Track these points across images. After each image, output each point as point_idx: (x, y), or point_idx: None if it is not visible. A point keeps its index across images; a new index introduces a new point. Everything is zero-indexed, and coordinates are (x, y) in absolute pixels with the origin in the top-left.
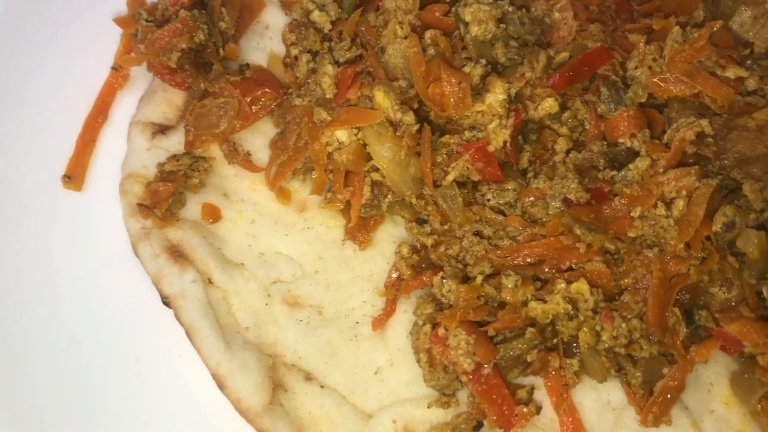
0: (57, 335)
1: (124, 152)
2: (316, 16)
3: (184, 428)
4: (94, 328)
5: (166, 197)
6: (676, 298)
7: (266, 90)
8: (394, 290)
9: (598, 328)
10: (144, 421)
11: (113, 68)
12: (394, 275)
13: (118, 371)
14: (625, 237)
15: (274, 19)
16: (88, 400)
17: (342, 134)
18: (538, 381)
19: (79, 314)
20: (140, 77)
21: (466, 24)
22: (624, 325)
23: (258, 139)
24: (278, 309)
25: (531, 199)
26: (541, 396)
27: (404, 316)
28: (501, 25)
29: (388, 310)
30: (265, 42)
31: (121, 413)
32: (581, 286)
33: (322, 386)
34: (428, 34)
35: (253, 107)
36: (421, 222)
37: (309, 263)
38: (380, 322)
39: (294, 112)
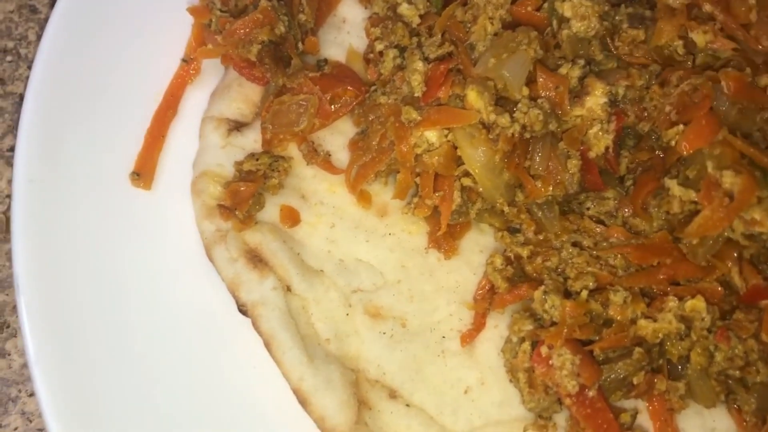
0: (123, 342)
1: (194, 149)
2: (405, 9)
3: None
4: (162, 335)
5: (247, 198)
6: None
7: (348, 87)
8: (484, 304)
9: (711, 348)
10: None
11: (184, 60)
12: (485, 287)
13: (187, 383)
14: None
15: (351, 12)
16: (154, 411)
17: (432, 135)
18: (639, 404)
19: (146, 320)
20: (210, 71)
21: (565, 20)
22: (740, 345)
23: (336, 139)
24: (360, 320)
25: (630, 209)
26: (641, 419)
27: (494, 332)
28: (604, 22)
29: (478, 325)
30: (343, 36)
31: (190, 428)
32: (698, 304)
33: (407, 405)
34: (520, 31)
35: (333, 105)
36: (513, 231)
37: (391, 272)
38: (469, 337)
39: (378, 111)
